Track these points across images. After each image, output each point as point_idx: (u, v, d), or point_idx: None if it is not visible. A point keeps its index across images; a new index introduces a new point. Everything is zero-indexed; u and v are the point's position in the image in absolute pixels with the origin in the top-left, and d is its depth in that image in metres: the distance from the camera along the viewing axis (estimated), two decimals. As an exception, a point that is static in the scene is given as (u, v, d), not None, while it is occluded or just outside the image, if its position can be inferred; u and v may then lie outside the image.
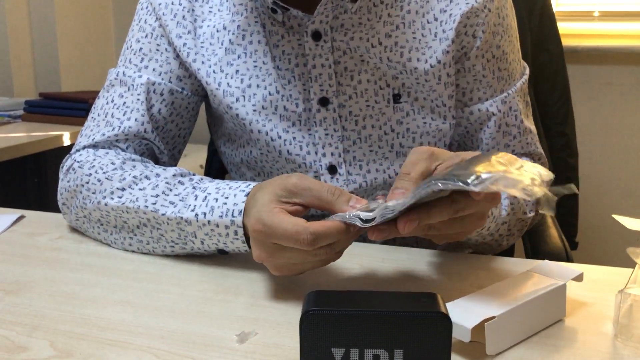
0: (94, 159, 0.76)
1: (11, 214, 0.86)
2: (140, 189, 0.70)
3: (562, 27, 1.28)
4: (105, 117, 0.81)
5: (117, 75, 0.82)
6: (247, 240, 0.64)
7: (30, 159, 1.82)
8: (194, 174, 0.73)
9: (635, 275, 0.54)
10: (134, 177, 0.72)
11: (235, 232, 0.64)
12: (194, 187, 0.69)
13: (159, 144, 0.81)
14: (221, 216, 0.64)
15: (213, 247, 0.67)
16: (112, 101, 0.81)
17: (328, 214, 0.58)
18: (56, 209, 0.84)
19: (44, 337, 0.53)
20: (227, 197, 0.65)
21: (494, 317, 0.49)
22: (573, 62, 2.00)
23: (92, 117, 0.83)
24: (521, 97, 0.84)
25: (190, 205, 0.67)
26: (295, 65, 0.78)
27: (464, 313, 0.49)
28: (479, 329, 0.48)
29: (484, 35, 0.79)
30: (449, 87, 0.79)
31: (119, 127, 0.79)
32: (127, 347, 0.51)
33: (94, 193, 0.73)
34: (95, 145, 0.79)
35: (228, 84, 0.80)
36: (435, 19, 0.78)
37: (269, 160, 0.81)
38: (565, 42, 1.27)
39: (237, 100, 0.79)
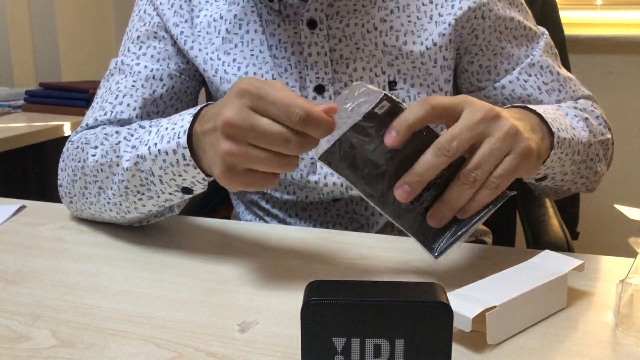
0: (83, 135, 0.78)
1: (12, 204, 0.86)
2: (109, 142, 0.71)
3: (564, 15, 1.28)
4: (101, 103, 0.82)
5: (116, 64, 0.83)
6: (202, 171, 0.62)
7: (31, 149, 1.81)
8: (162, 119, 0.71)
9: (636, 265, 0.54)
10: (106, 133, 0.73)
11: (184, 157, 0.61)
12: (151, 126, 0.68)
13: None
14: (169, 141, 0.62)
15: (173, 185, 0.65)
16: (109, 89, 0.82)
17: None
18: (57, 199, 0.84)
19: (45, 326, 0.53)
20: (175, 123, 0.63)
21: (495, 307, 0.49)
22: (574, 51, 1.99)
23: (91, 107, 0.84)
24: (548, 52, 0.84)
25: (144, 140, 0.66)
26: (291, 54, 0.78)
27: (465, 303, 0.49)
28: (480, 318, 0.49)
29: (491, 14, 0.79)
30: (445, 70, 0.80)
31: (111, 111, 0.80)
32: (129, 337, 0.52)
33: (79, 162, 0.75)
34: (89, 129, 0.81)
35: (225, 70, 0.80)
36: (431, 2, 0.78)
37: None
38: (567, 30, 1.26)
39: None
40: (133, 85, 0.81)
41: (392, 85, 0.79)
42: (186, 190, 0.66)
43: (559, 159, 0.66)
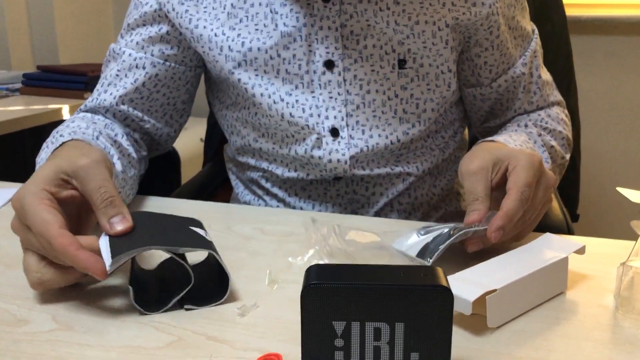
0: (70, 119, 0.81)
1: (11, 188, 0.85)
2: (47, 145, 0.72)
3: (566, -4, 1.26)
4: (96, 89, 0.86)
5: (111, 51, 0.86)
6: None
7: (30, 132, 1.81)
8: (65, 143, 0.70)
9: (638, 247, 0.54)
10: (57, 130, 0.74)
11: None
12: (49, 149, 0.69)
13: (136, 114, 0.84)
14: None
15: None
16: (105, 75, 0.85)
17: None
18: (56, 183, 0.83)
19: (45, 310, 0.53)
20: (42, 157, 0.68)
21: (495, 290, 0.49)
22: (576, 33, 1.97)
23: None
24: (535, 52, 0.87)
25: (41, 158, 0.70)
26: (302, 25, 0.77)
27: (466, 286, 0.49)
28: (481, 301, 0.48)
29: (502, 11, 0.80)
30: (454, 52, 0.81)
31: (97, 99, 0.84)
32: (128, 320, 0.52)
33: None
34: (85, 112, 0.85)
35: (229, 47, 0.79)
36: None
37: (272, 123, 0.81)
38: (569, 11, 1.25)
39: (239, 65, 0.79)
40: (117, 75, 0.83)
41: (401, 64, 0.78)
42: None
43: None
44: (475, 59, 0.83)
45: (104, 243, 0.53)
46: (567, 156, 0.85)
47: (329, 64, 0.78)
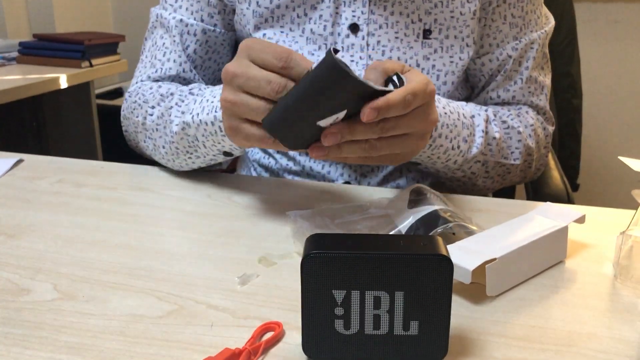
0: (140, 87, 0.83)
1: (9, 158, 0.85)
2: (165, 105, 0.76)
3: (570, -38, 1.24)
4: (151, 59, 0.85)
5: (157, 17, 0.85)
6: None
7: (27, 102, 1.79)
8: (209, 87, 0.75)
9: (638, 216, 0.54)
10: (162, 94, 0.78)
11: (220, 129, 0.66)
12: (197, 94, 0.73)
13: (199, 81, 0.85)
14: (208, 113, 0.67)
15: (215, 149, 0.71)
16: (155, 43, 0.85)
17: None
18: (56, 153, 0.83)
19: (47, 279, 0.54)
20: (214, 96, 0.68)
21: (494, 259, 0.49)
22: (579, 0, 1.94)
23: (141, 59, 0.88)
24: (539, 45, 0.83)
25: (190, 109, 0.71)
26: None
27: (465, 255, 0.49)
28: (480, 270, 0.49)
29: None
30: (479, 24, 0.80)
31: (161, 69, 0.84)
32: (129, 289, 0.52)
33: (137, 117, 0.80)
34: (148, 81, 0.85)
35: (257, 3, 0.80)
36: None
37: None
38: (573, -22, 1.23)
39: (266, 20, 0.80)
40: (174, 41, 0.83)
41: (426, 33, 0.78)
42: (227, 154, 0.72)
43: (428, 157, 0.72)
44: None
45: None
46: (515, 162, 0.81)
47: (354, 28, 0.78)
